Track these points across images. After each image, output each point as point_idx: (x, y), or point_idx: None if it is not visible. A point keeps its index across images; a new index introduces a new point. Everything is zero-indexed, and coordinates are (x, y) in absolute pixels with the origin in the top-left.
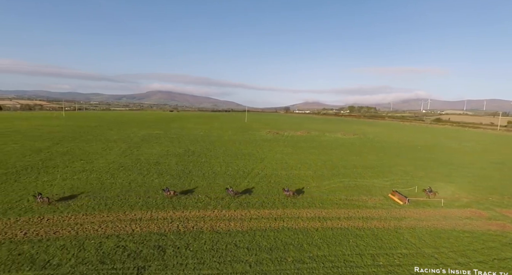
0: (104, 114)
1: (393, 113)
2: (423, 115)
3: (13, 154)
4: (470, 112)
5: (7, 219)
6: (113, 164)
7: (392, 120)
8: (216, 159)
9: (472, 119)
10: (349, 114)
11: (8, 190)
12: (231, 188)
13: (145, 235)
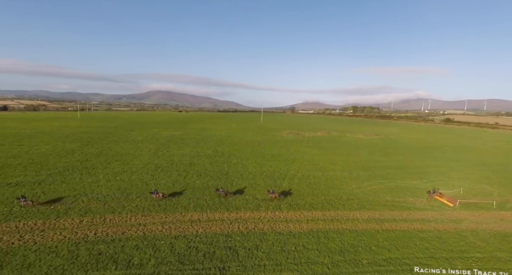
0: (117, 114)
1: (396, 113)
2: (427, 115)
3: (49, 155)
4: (470, 112)
5: (71, 219)
6: (149, 165)
7: (406, 121)
8: (247, 160)
9: (477, 119)
10: (356, 114)
11: (60, 191)
12: (221, 189)
13: (211, 236)
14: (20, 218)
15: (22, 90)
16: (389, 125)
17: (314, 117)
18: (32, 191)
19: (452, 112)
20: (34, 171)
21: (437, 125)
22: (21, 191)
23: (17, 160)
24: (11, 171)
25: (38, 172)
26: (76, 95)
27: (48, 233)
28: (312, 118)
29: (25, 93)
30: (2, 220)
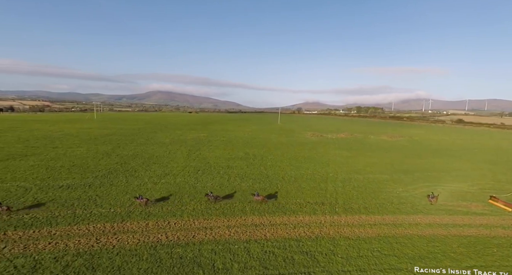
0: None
1: (402, 113)
2: (431, 115)
3: (86, 157)
4: (471, 112)
5: (136, 222)
6: (188, 167)
7: (420, 122)
8: (281, 162)
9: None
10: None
11: (113, 194)
12: (211, 193)
13: (281, 240)
14: (87, 220)
15: (22, 90)
16: (406, 126)
17: (324, 118)
18: (85, 194)
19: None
20: (79, 173)
21: (451, 126)
22: (75, 194)
23: (58, 163)
24: (57, 173)
25: (84, 175)
26: (76, 96)
27: (121, 236)
28: (323, 119)
29: (25, 93)
30: (71, 223)
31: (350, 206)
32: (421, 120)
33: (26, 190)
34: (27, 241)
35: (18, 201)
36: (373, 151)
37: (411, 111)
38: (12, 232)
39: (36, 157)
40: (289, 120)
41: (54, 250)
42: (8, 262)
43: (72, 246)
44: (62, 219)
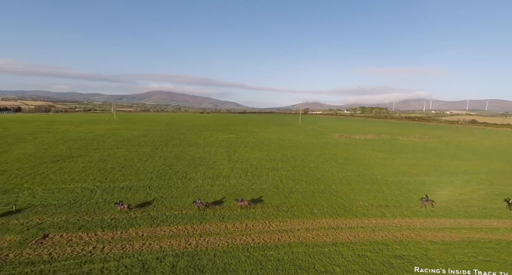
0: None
1: (407, 113)
2: (435, 115)
3: (131, 159)
4: (472, 112)
5: (215, 224)
6: (235, 169)
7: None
8: (322, 164)
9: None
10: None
11: (176, 196)
12: (199, 200)
13: (368, 243)
14: (166, 222)
15: (22, 90)
16: (426, 127)
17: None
18: (150, 196)
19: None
20: (132, 175)
21: (466, 126)
22: (140, 195)
23: (106, 164)
24: (111, 175)
25: (138, 177)
26: (76, 96)
27: (207, 238)
28: (334, 119)
29: (25, 93)
30: (152, 224)
31: (417, 209)
32: (432, 120)
33: (91, 191)
34: (120, 241)
35: (89, 202)
36: (407, 153)
37: (415, 111)
38: (101, 232)
39: (83, 159)
40: (308, 121)
41: (151, 251)
42: (116, 262)
43: (166, 247)
44: (140, 221)
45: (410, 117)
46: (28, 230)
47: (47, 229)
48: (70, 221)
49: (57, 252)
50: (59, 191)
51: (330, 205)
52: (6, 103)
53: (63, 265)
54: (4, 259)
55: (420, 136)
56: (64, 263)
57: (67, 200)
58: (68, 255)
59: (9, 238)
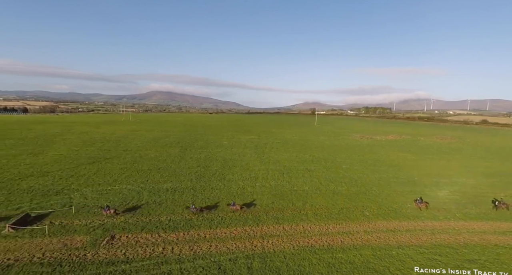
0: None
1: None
2: (439, 115)
3: (164, 160)
4: (473, 112)
5: (272, 226)
6: (270, 170)
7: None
8: (352, 165)
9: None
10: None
11: (221, 197)
12: (193, 205)
13: (433, 247)
14: (225, 224)
15: (22, 90)
16: (442, 128)
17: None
18: (196, 198)
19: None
20: (171, 176)
21: (480, 126)
22: (186, 197)
23: (142, 166)
24: (151, 176)
25: (178, 178)
26: (76, 96)
27: (270, 240)
28: (345, 120)
29: (25, 93)
30: (211, 226)
31: (468, 212)
32: (446, 121)
33: (138, 193)
34: (187, 243)
35: (139, 203)
36: (434, 154)
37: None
38: (164, 234)
39: (117, 160)
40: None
41: (220, 252)
42: (191, 263)
43: (233, 248)
44: (198, 222)
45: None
46: (94, 230)
47: (111, 230)
48: (129, 222)
49: (130, 252)
50: (107, 193)
51: (379, 207)
52: (8, 103)
53: (142, 266)
54: (83, 258)
55: (441, 137)
56: (142, 264)
57: (118, 201)
58: (142, 255)
59: (79, 238)
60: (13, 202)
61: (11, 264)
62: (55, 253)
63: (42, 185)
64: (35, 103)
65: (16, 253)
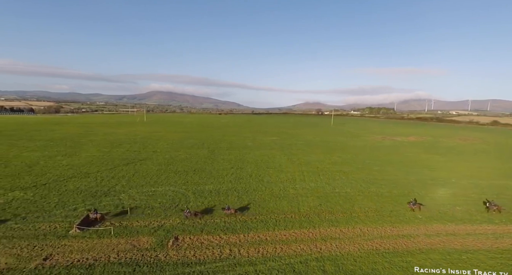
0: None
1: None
2: (442, 116)
3: (196, 162)
4: (474, 112)
5: (329, 229)
6: (305, 172)
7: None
8: (384, 167)
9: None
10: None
11: (266, 199)
12: (187, 210)
13: (498, 251)
14: (281, 226)
15: (22, 90)
16: (456, 128)
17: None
18: (242, 200)
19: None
20: (210, 178)
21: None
22: (232, 199)
23: (177, 167)
24: (190, 178)
25: (217, 180)
26: (76, 96)
27: (333, 242)
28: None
29: (25, 93)
30: (269, 228)
31: None
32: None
33: (184, 195)
34: (251, 245)
35: (188, 205)
36: (461, 155)
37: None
38: (224, 235)
39: (150, 161)
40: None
41: (288, 255)
42: (263, 265)
43: (300, 251)
44: (253, 224)
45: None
46: (155, 232)
47: (171, 231)
48: (186, 224)
49: (199, 254)
50: (153, 194)
51: (428, 210)
52: (10, 103)
53: (216, 267)
54: (157, 259)
55: (463, 138)
56: (216, 265)
57: (167, 203)
58: (212, 257)
59: (144, 239)
60: (67, 203)
61: (92, 263)
62: (128, 253)
63: (87, 186)
64: (38, 103)
65: (91, 253)
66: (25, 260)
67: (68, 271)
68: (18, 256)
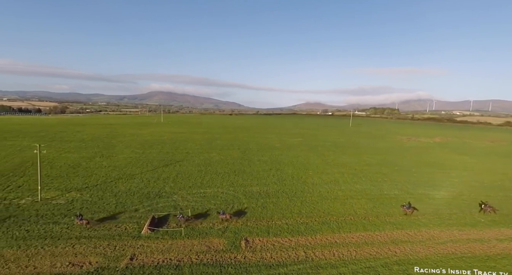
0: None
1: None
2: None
3: (232, 163)
4: (476, 112)
5: (399, 231)
6: (345, 174)
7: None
8: (421, 168)
9: None
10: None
11: (320, 202)
12: (180, 215)
13: None
14: (345, 229)
15: (23, 90)
16: (474, 129)
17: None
18: (293, 204)
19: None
20: (252, 179)
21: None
22: (283, 202)
23: (216, 169)
24: (232, 179)
25: (260, 181)
26: (77, 96)
27: (408, 246)
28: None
29: (26, 93)
30: (334, 231)
31: None
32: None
33: (235, 196)
34: (321, 247)
35: (243, 207)
36: (491, 156)
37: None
38: (291, 237)
39: (187, 163)
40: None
41: (366, 257)
42: (345, 267)
43: (374, 253)
44: (316, 227)
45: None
46: (223, 233)
47: (238, 233)
48: (249, 225)
49: (276, 256)
50: (204, 196)
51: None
52: (13, 103)
53: (298, 269)
54: (237, 260)
55: (491, 139)
56: (298, 267)
57: (221, 204)
58: (290, 259)
59: (216, 240)
60: (126, 204)
61: (177, 264)
62: (206, 255)
63: (137, 188)
64: (40, 103)
65: (171, 253)
66: (113, 260)
67: (158, 271)
68: (104, 255)
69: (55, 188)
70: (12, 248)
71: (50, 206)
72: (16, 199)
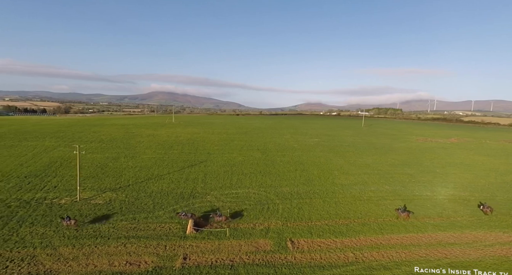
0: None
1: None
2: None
3: (256, 164)
4: (477, 113)
5: (445, 233)
6: (371, 175)
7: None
8: (445, 169)
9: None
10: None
11: (359, 205)
12: (183, 212)
13: None
14: (388, 230)
15: (23, 91)
16: (487, 130)
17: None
18: (328, 205)
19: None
20: (281, 179)
21: None
22: (316, 202)
23: (242, 169)
24: (260, 179)
25: (288, 181)
26: (77, 96)
27: (469, 248)
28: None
29: (26, 93)
30: (377, 232)
31: None
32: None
33: (267, 197)
34: (368, 248)
35: (277, 208)
36: None
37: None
38: (335, 238)
39: (211, 163)
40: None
41: (417, 259)
42: (398, 269)
43: (424, 255)
44: (358, 228)
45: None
46: (267, 234)
47: (281, 234)
48: (289, 226)
49: (325, 257)
50: (237, 196)
51: None
52: (15, 103)
53: (351, 270)
54: (289, 261)
55: (507, 140)
56: (351, 268)
57: (256, 205)
58: (340, 260)
59: (261, 241)
60: (162, 204)
61: (230, 264)
62: (257, 255)
63: (168, 188)
64: (42, 103)
65: (222, 254)
66: (168, 259)
67: (214, 271)
68: (157, 255)
69: (89, 188)
70: (67, 246)
71: (90, 206)
72: (56, 199)
